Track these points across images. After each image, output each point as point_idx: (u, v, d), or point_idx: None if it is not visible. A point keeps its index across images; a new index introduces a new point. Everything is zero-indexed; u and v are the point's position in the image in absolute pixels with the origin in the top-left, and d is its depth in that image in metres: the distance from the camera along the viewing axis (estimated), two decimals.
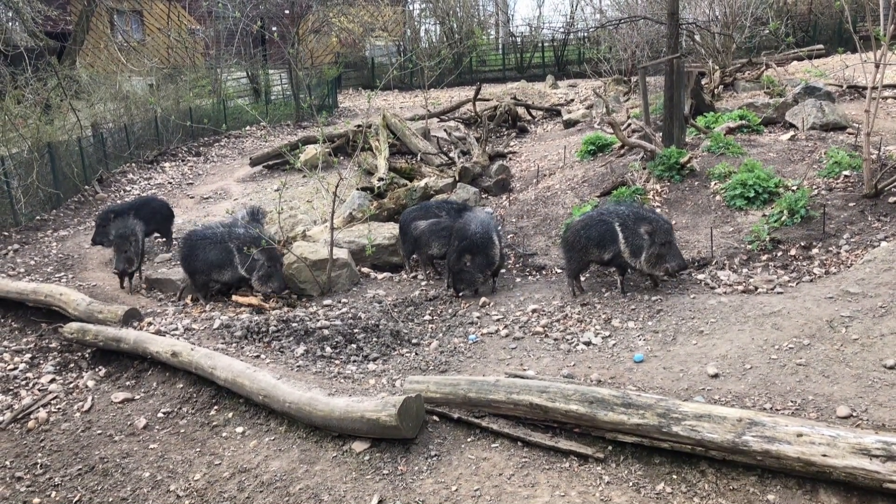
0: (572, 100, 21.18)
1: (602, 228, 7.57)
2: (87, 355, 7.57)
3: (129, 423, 6.20)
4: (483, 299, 7.92)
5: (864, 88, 10.72)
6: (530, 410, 4.93)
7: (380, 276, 9.33)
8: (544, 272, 8.74)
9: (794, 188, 8.66)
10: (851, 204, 8.16)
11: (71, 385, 6.99)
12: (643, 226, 7.26)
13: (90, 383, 6.95)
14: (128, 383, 6.86)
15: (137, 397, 6.60)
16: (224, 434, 5.81)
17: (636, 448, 4.58)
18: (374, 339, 7.07)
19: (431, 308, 8.00)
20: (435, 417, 5.31)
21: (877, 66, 7.98)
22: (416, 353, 6.75)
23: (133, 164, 16.36)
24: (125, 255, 8.91)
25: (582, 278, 8.14)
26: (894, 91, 13.52)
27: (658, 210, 9.21)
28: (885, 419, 4.27)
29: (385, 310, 7.93)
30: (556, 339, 6.62)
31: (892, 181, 8.07)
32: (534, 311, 7.38)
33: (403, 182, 12.30)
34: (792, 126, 11.82)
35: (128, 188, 14.91)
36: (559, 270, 8.62)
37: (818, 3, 26.48)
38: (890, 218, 7.73)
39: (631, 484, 4.36)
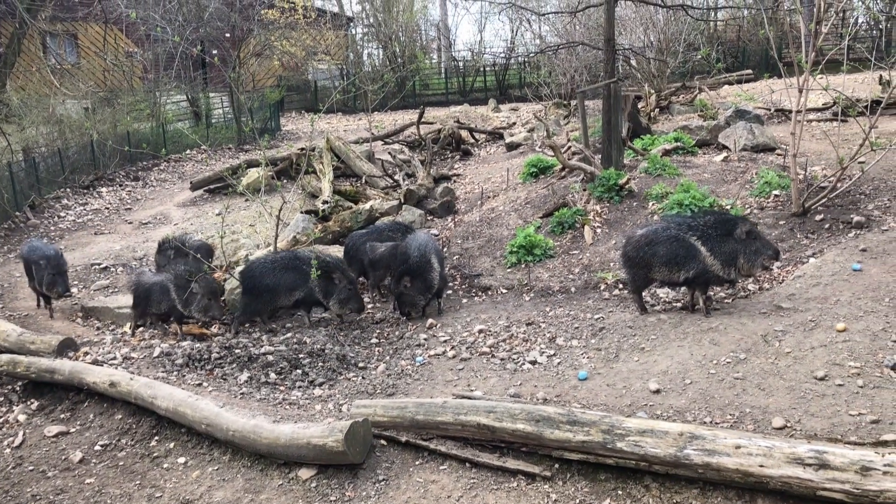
0: (514, 123, 21.49)
1: (673, 246, 6.68)
2: (17, 388, 7.27)
3: (63, 457, 5.96)
4: (430, 321, 7.93)
5: (790, 112, 11.22)
6: (478, 431, 4.95)
7: None
8: (490, 292, 8.81)
9: (728, 207, 8.96)
10: (782, 222, 8.50)
11: (0, 420, 6.69)
12: (736, 227, 6.48)
13: (21, 417, 6.67)
14: (62, 416, 6.61)
15: (73, 430, 6.36)
16: (165, 465, 5.65)
17: (582, 465, 4.64)
18: (320, 364, 6.99)
19: (378, 331, 7.97)
20: (383, 441, 5.28)
21: (800, 91, 8.37)
22: (363, 377, 6.71)
23: (68, 190, 15.87)
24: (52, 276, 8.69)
25: (527, 297, 8.23)
26: (818, 114, 14.17)
27: (598, 230, 9.42)
28: (817, 429, 4.43)
29: (331, 333, 7.86)
30: (502, 359, 6.67)
31: (818, 200, 8.45)
32: (480, 331, 7.43)
33: (348, 205, 12.26)
34: (725, 147, 12.25)
35: (62, 214, 14.45)
36: (504, 291, 8.70)
37: (746, 31, 27.66)
38: (817, 235, 8.08)
39: (577, 501, 4.42)
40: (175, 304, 7.91)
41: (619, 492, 4.41)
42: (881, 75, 14.20)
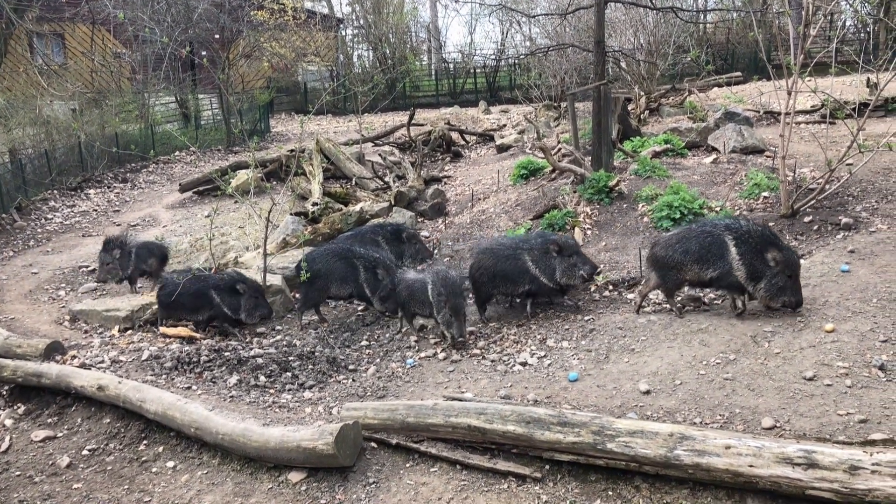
0: (504, 125, 21.53)
1: (706, 241, 6.56)
2: (3, 392, 7.21)
3: (50, 462, 5.91)
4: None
5: (779, 114, 11.28)
6: (469, 433, 4.95)
7: None
8: None
9: (718, 209, 9.00)
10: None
11: None
12: (769, 251, 6.25)
13: (7, 422, 6.62)
14: (49, 420, 6.56)
15: (60, 435, 6.31)
16: (154, 469, 5.61)
17: (573, 466, 4.64)
18: (310, 367, 6.96)
19: (368, 333, 7.95)
20: (373, 444, 5.26)
21: (789, 94, 8.41)
22: (353, 380, 6.69)
23: (55, 192, 15.78)
24: None
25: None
26: (806, 117, 14.26)
27: (588, 232, 9.44)
28: (805, 428, 4.45)
29: (321, 336, 7.84)
30: (493, 361, 6.67)
31: (807, 202, 8.50)
32: (471, 333, 7.42)
33: (338, 206, 12.23)
34: (714, 149, 12.31)
35: (49, 216, 14.36)
36: None
37: (735, 34, 27.81)
38: (806, 237, 8.12)
39: (568, 502, 4.42)
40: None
41: (610, 493, 4.42)
42: (869, 78, 14.30)
